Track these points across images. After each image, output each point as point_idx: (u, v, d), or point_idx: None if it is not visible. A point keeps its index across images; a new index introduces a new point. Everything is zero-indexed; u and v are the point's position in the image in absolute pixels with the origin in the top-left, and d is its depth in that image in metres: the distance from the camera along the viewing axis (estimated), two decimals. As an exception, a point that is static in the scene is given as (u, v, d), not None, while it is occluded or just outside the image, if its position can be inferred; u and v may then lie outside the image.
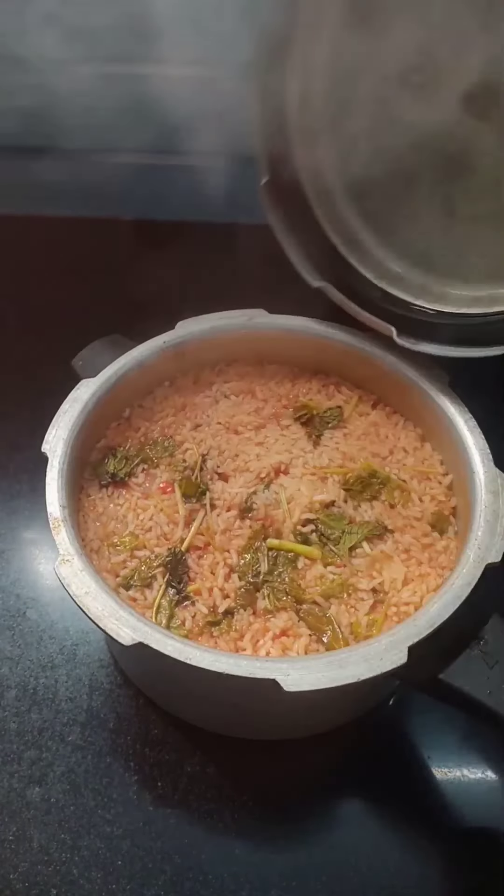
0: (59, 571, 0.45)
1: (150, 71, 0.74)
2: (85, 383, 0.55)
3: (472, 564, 0.46)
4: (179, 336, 0.59)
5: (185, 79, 0.73)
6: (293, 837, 0.50)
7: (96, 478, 0.56)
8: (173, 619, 0.49)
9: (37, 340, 0.75)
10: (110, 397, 0.56)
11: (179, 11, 0.63)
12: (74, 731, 0.54)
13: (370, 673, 0.41)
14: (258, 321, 0.60)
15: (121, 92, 0.76)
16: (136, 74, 0.75)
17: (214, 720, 0.53)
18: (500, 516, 0.48)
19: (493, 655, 0.43)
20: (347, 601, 0.50)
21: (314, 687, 0.41)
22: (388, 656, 0.42)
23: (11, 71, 0.72)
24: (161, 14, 0.64)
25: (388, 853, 0.49)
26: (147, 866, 0.48)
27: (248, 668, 0.41)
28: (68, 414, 0.53)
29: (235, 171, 0.83)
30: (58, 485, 0.49)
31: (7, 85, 0.76)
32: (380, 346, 0.58)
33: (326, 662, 0.42)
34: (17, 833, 0.49)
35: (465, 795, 0.52)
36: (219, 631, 0.48)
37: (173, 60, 0.70)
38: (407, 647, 0.42)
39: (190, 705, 0.53)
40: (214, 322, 0.60)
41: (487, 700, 0.42)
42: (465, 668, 0.43)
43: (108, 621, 0.43)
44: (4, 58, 0.68)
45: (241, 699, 0.48)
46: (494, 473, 0.50)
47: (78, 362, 0.57)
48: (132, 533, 0.53)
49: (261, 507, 0.53)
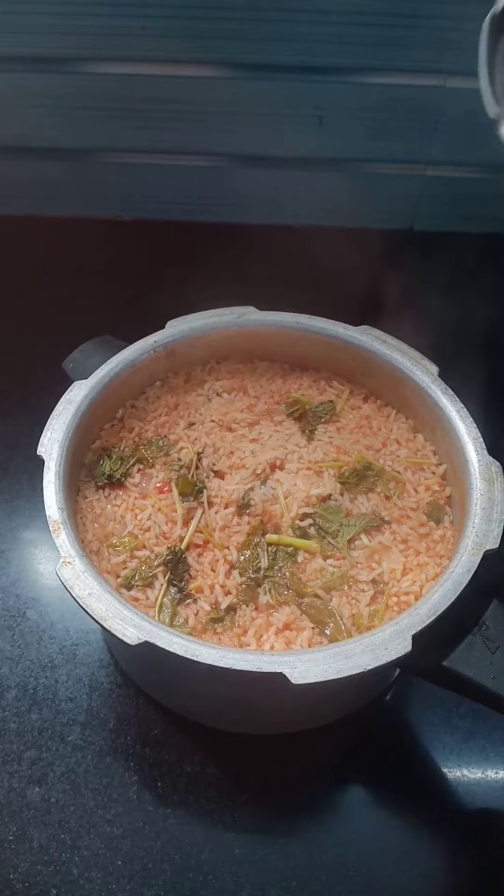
0: (61, 574, 0.45)
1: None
2: (77, 385, 0.55)
3: (471, 551, 0.46)
4: (170, 335, 0.59)
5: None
6: (293, 837, 0.49)
7: (92, 479, 0.56)
8: (176, 618, 0.49)
9: (35, 340, 0.76)
10: (103, 398, 0.56)
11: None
12: (74, 731, 0.53)
13: (376, 663, 0.41)
14: (248, 318, 0.60)
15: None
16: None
17: (218, 716, 0.53)
18: (495, 503, 0.48)
19: (494, 641, 0.43)
20: (348, 593, 0.50)
21: (321, 679, 0.41)
22: (392, 645, 0.42)
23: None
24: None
25: (389, 853, 0.49)
26: (147, 866, 0.48)
27: (256, 662, 0.41)
28: (62, 416, 0.53)
29: (235, 171, 0.84)
30: (55, 487, 0.49)
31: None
32: (370, 340, 0.58)
33: (332, 654, 0.42)
34: (17, 833, 0.49)
35: (467, 795, 0.52)
36: (222, 627, 0.48)
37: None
38: (411, 636, 0.42)
39: (194, 702, 0.53)
40: (204, 320, 0.60)
41: (491, 684, 0.42)
42: (467, 654, 0.43)
43: (113, 622, 0.43)
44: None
45: (246, 694, 0.48)
46: (488, 461, 0.50)
47: (69, 364, 0.57)
48: (131, 533, 0.53)
49: (258, 503, 0.53)
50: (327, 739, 0.53)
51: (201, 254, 0.85)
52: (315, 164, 0.83)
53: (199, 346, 0.60)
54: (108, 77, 0.77)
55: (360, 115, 0.78)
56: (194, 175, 0.85)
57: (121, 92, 0.78)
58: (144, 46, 0.74)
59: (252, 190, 0.86)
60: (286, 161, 0.83)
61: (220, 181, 0.85)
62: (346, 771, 0.52)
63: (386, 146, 0.81)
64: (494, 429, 0.53)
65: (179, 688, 0.53)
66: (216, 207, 0.88)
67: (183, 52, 0.75)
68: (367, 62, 0.75)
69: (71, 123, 0.81)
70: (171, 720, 0.54)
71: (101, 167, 0.84)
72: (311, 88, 0.77)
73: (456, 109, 0.77)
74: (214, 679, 0.43)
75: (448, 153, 0.81)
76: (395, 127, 0.79)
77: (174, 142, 0.82)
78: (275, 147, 0.82)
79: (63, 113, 0.80)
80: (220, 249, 0.85)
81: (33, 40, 0.74)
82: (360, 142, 0.81)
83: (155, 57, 0.75)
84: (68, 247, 0.85)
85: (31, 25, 0.73)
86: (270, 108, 0.78)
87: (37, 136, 0.82)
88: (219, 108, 0.79)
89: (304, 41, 0.73)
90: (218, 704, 0.52)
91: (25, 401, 0.67)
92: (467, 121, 0.78)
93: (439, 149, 0.81)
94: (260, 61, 0.75)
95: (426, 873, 0.48)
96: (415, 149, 0.81)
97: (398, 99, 0.77)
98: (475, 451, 0.51)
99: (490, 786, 0.51)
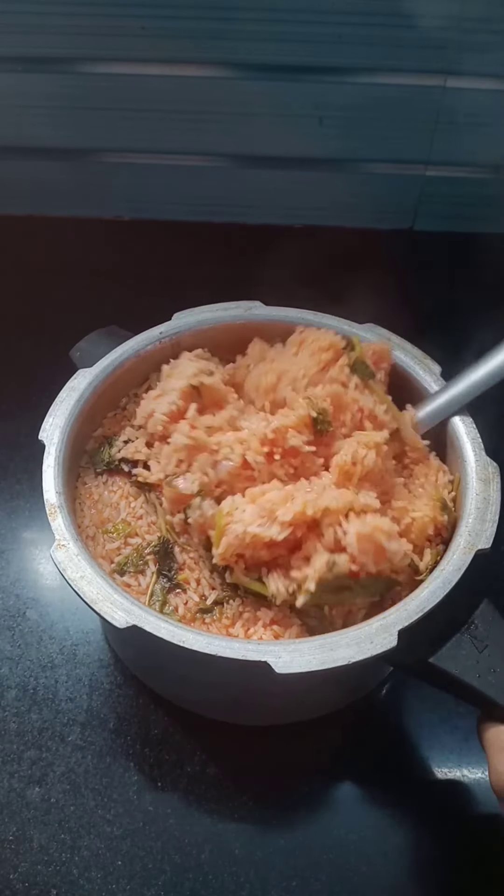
0: (54, 556, 0.46)
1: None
2: (82, 373, 0.55)
3: (463, 550, 0.46)
4: (175, 327, 0.59)
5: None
6: (293, 837, 0.49)
7: (92, 466, 0.56)
8: (166, 606, 0.49)
9: (35, 341, 0.76)
10: (107, 387, 0.56)
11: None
12: (74, 731, 0.53)
13: (360, 656, 0.41)
14: (254, 312, 0.60)
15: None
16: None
17: (209, 705, 0.54)
18: (490, 503, 0.48)
19: (482, 640, 0.44)
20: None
21: (305, 669, 0.41)
22: (378, 640, 0.42)
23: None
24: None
25: (389, 853, 0.49)
26: (147, 866, 0.48)
27: (241, 650, 0.42)
28: (65, 403, 0.53)
29: (235, 171, 0.84)
30: (54, 472, 0.50)
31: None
32: (375, 338, 0.58)
33: (318, 645, 0.42)
34: (17, 833, 0.49)
35: (467, 795, 0.52)
36: (210, 618, 0.48)
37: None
38: (397, 631, 0.42)
39: (185, 690, 0.54)
40: (210, 313, 0.60)
41: (477, 683, 0.42)
42: (455, 652, 0.43)
43: (103, 605, 0.44)
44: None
45: (234, 682, 0.48)
46: (485, 462, 0.51)
47: (76, 353, 0.58)
48: (124, 520, 0.53)
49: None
50: (328, 740, 0.53)
51: (201, 254, 0.85)
52: (315, 164, 0.83)
53: (205, 338, 0.60)
54: (108, 77, 0.77)
55: (360, 115, 0.78)
56: (194, 175, 0.85)
57: (121, 92, 0.78)
58: (144, 46, 0.74)
59: (252, 190, 0.86)
60: (286, 161, 0.83)
61: (220, 181, 0.85)
62: (347, 772, 0.52)
63: (386, 146, 0.81)
64: (493, 430, 0.53)
65: (170, 675, 0.53)
66: (216, 207, 0.88)
67: (183, 52, 0.75)
68: (367, 62, 0.75)
69: (71, 123, 0.81)
70: (171, 720, 0.54)
71: (101, 167, 0.84)
72: (311, 88, 0.77)
73: (456, 109, 0.77)
74: (202, 666, 0.43)
75: (448, 153, 0.81)
76: (395, 127, 0.79)
77: (175, 142, 0.82)
78: (275, 147, 0.82)
79: (63, 113, 0.80)
80: (220, 249, 0.85)
81: (33, 40, 0.74)
82: (360, 142, 0.81)
83: (155, 57, 0.75)
84: (68, 247, 0.85)
85: (31, 25, 0.73)
86: (270, 108, 0.78)
87: (37, 136, 0.82)
88: (219, 108, 0.79)
89: (304, 41, 0.73)
90: (208, 693, 0.53)
91: (26, 401, 0.67)
92: (467, 121, 0.78)
93: (439, 149, 0.81)
94: (260, 61, 0.75)
95: (426, 873, 0.48)
96: (415, 149, 0.81)
97: (398, 99, 0.77)
98: (473, 452, 0.51)
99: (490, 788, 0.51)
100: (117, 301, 0.76)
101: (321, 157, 0.83)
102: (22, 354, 0.75)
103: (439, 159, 0.82)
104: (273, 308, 0.60)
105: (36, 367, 0.72)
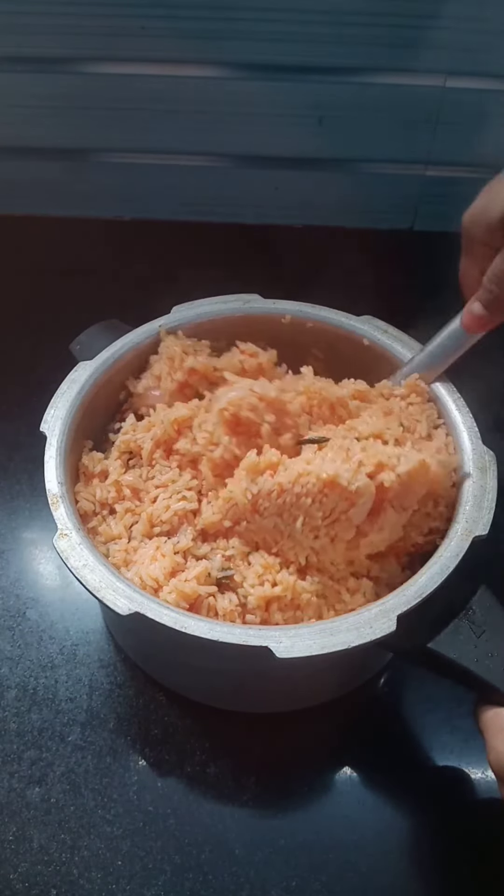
0: (57, 545, 0.46)
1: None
2: (82, 365, 0.56)
3: (460, 537, 0.47)
4: (175, 320, 0.60)
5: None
6: (293, 837, 0.49)
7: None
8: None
9: (34, 341, 0.76)
10: (107, 379, 0.57)
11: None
12: (74, 731, 0.53)
13: (360, 640, 0.42)
14: (253, 305, 0.61)
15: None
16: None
17: (209, 692, 0.54)
18: (487, 491, 0.49)
19: (480, 625, 0.44)
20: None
21: (305, 654, 0.42)
22: (377, 625, 0.43)
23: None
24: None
25: (389, 853, 0.49)
26: (147, 866, 0.48)
27: (242, 636, 0.42)
28: (66, 394, 0.54)
29: (235, 171, 0.84)
30: (56, 462, 0.50)
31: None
32: (371, 329, 0.59)
33: (318, 630, 0.43)
34: (17, 833, 0.49)
35: (467, 795, 0.52)
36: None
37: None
38: (396, 616, 0.43)
39: (186, 678, 0.54)
40: (209, 306, 0.60)
41: (474, 667, 0.43)
42: (453, 637, 0.44)
43: (106, 592, 0.44)
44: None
45: (235, 668, 0.49)
46: (482, 450, 0.52)
47: (76, 346, 0.58)
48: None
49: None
50: (328, 740, 0.54)
51: (201, 254, 0.85)
52: (315, 164, 0.83)
53: (203, 331, 0.60)
54: (108, 77, 0.77)
55: (360, 115, 0.78)
56: (194, 175, 0.85)
57: (121, 92, 0.78)
58: (144, 46, 0.74)
59: (252, 190, 0.86)
60: (286, 161, 0.83)
61: (220, 181, 0.85)
62: (347, 773, 0.52)
63: (386, 146, 0.81)
64: (489, 419, 0.54)
65: (172, 662, 0.54)
66: (216, 207, 0.88)
67: (183, 52, 0.75)
68: (367, 62, 0.75)
69: (71, 123, 0.81)
70: (172, 720, 0.54)
71: (101, 167, 0.84)
72: (311, 88, 0.77)
73: (456, 109, 0.77)
74: (203, 652, 0.44)
75: (448, 153, 0.81)
76: (395, 127, 0.79)
77: (174, 142, 0.82)
78: (275, 147, 0.82)
79: (63, 113, 0.80)
80: (220, 249, 0.85)
81: (33, 40, 0.74)
82: (360, 142, 0.81)
83: (155, 57, 0.75)
84: (68, 247, 0.85)
85: (31, 25, 0.73)
86: (270, 108, 0.78)
87: (37, 136, 0.82)
88: (219, 108, 0.79)
89: (304, 41, 0.73)
90: (209, 679, 0.53)
91: (25, 401, 0.67)
92: (467, 121, 0.78)
93: (439, 149, 0.81)
94: (260, 61, 0.75)
95: (426, 874, 0.48)
96: (415, 149, 0.81)
97: (398, 99, 0.77)
98: (469, 440, 0.52)
99: (491, 786, 0.51)
100: (117, 301, 0.75)
101: (321, 157, 0.83)
102: (21, 355, 0.75)
103: (439, 159, 0.82)
104: (271, 301, 0.61)
105: (35, 368, 0.72)
